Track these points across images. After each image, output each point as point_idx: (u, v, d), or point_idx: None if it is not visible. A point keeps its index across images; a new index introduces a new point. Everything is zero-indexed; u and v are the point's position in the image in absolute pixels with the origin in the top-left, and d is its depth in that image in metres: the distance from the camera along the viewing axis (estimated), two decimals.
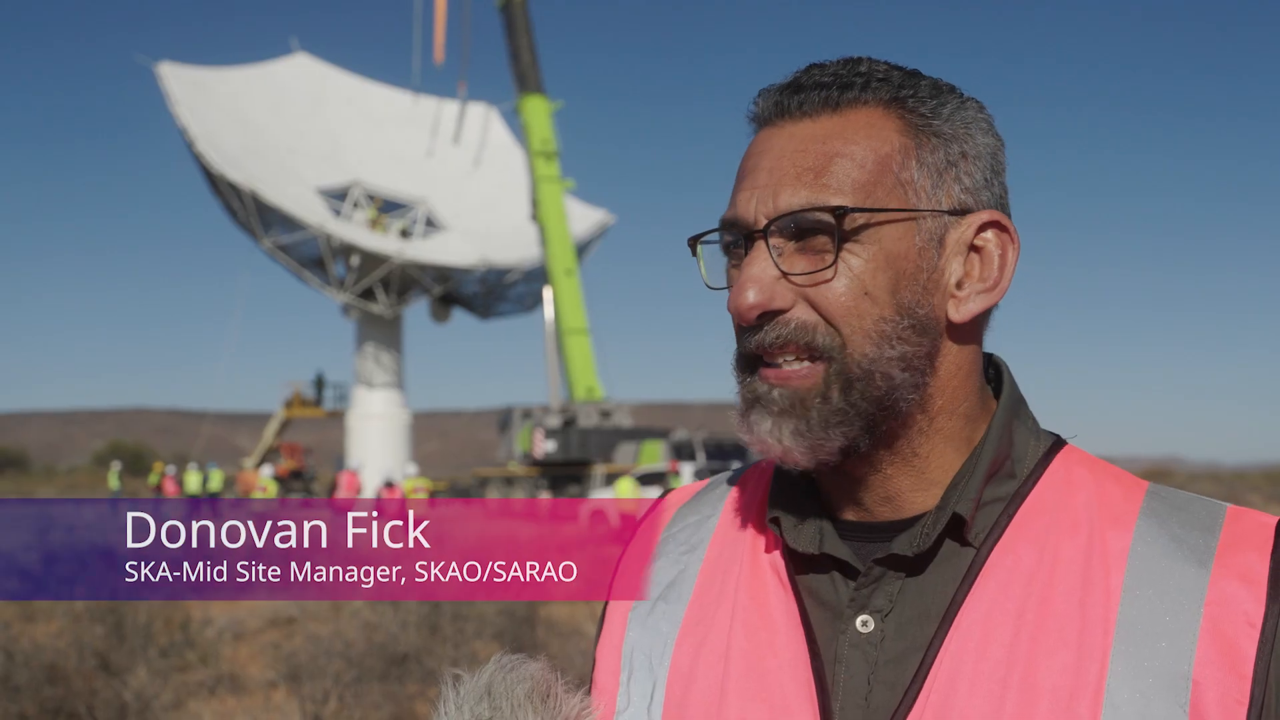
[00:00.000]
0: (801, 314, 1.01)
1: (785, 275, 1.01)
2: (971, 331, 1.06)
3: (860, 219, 1.00)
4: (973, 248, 1.05)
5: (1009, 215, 1.07)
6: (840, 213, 0.99)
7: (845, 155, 1.01)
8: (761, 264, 1.01)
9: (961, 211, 1.04)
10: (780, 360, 1.02)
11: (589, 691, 1.15)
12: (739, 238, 1.04)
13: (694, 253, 1.09)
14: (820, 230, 1.00)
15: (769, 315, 1.01)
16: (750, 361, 1.05)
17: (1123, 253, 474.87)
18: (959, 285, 1.04)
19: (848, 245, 1.00)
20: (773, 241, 1.01)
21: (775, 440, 1.02)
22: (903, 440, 1.04)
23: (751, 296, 1.00)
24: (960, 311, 1.04)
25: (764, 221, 1.01)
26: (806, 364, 1.01)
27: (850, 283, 1.00)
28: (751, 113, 1.08)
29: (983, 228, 1.05)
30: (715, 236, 1.08)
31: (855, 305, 1.00)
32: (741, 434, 1.05)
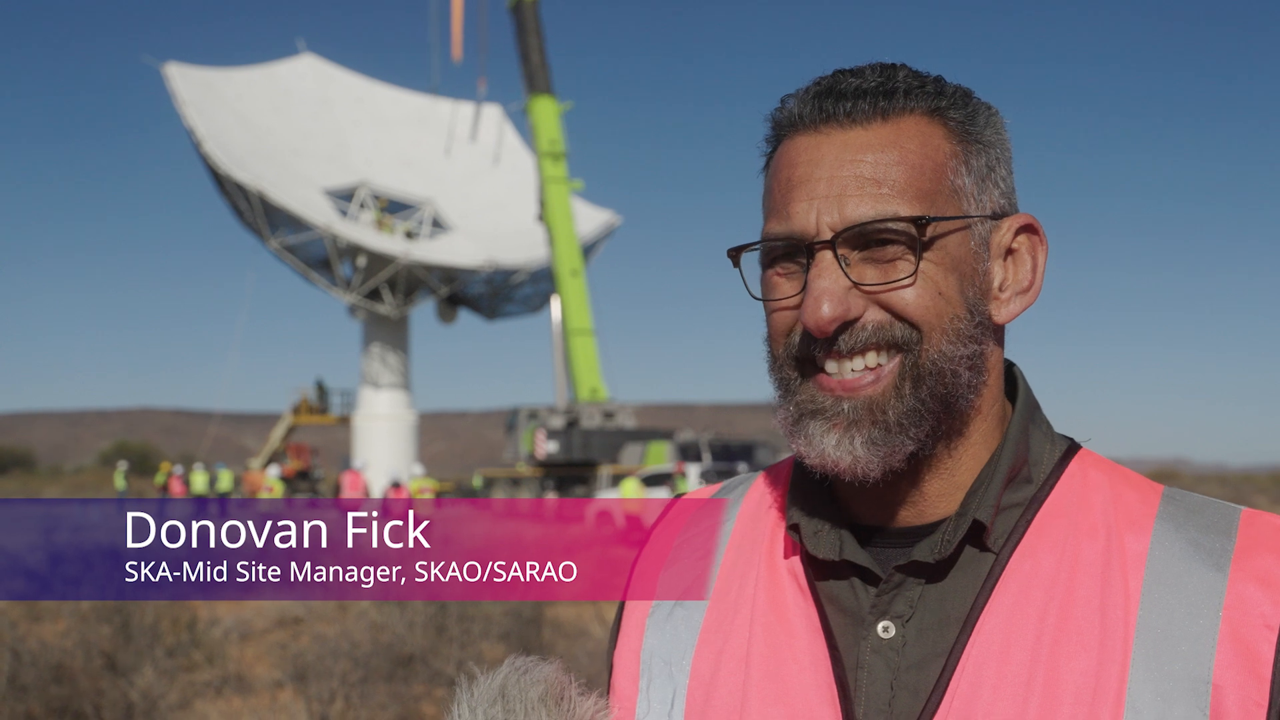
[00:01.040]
0: (874, 316, 1.00)
1: (856, 285, 1.00)
2: (1003, 336, 1.08)
3: (941, 228, 1.01)
4: (1008, 251, 1.06)
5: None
6: (923, 222, 0.99)
7: (906, 164, 1.01)
8: (832, 275, 1.00)
9: (999, 216, 1.06)
10: (849, 368, 1.01)
11: (603, 694, 1.14)
12: (798, 249, 1.02)
13: (735, 264, 1.07)
14: (895, 240, 1.00)
15: (843, 325, 1.00)
16: (802, 365, 1.03)
17: (1129, 254, 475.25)
18: (1000, 288, 1.06)
19: (924, 253, 1.00)
20: (840, 252, 1.00)
21: (845, 453, 1.00)
22: (944, 444, 1.04)
23: (827, 310, 0.99)
24: (1003, 313, 1.06)
25: (829, 233, 1.00)
26: (880, 362, 1.00)
27: (925, 285, 1.00)
28: (781, 117, 1.07)
29: (1017, 231, 1.07)
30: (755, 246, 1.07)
31: (933, 305, 1.00)
32: (795, 446, 1.03)
